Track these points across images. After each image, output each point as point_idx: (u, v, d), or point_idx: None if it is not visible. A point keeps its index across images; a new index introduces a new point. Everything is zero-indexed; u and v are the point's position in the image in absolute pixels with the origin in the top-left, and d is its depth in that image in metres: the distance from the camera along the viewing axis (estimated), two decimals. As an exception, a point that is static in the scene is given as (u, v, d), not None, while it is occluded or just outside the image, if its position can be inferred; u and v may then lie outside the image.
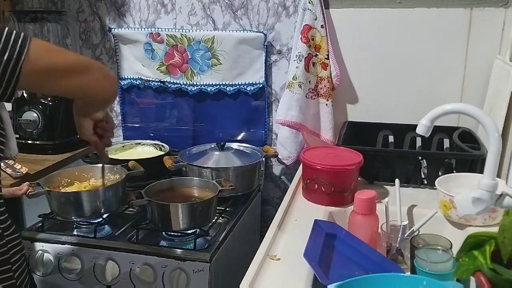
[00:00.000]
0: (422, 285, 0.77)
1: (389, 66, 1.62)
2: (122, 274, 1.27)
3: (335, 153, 1.34)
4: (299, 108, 1.61)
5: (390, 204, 1.11)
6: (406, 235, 1.07)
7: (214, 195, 1.32)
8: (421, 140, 1.54)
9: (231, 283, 1.23)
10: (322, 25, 1.59)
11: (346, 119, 1.70)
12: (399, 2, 1.57)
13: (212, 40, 1.74)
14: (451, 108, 0.92)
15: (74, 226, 1.40)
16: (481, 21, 1.51)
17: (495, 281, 0.72)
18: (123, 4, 1.85)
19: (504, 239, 0.73)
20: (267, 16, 1.71)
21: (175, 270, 1.23)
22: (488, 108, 1.46)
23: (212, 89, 1.80)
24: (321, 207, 1.25)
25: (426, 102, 1.19)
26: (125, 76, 1.91)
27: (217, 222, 1.40)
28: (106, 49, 1.93)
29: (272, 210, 1.86)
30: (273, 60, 1.75)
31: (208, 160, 1.59)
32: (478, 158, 1.29)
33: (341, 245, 1.02)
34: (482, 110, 0.90)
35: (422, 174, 1.39)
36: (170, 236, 1.32)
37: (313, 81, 1.64)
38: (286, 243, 1.07)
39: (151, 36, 1.80)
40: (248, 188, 1.59)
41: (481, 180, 0.87)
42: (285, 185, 1.85)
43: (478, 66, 1.54)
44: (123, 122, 1.97)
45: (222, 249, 1.29)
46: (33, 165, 1.62)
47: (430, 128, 0.94)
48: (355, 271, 0.93)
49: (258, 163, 1.61)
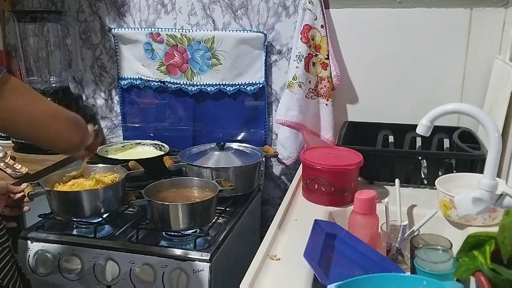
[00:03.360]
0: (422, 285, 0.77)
1: (389, 66, 1.62)
2: (122, 274, 1.27)
3: (335, 153, 1.34)
4: (299, 108, 1.61)
5: (390, 204, 1.11)
6: (406, 235, 1.07)
7: (214, 195, 1.32)
8: (421, 140, 1.54)
9: (231, 283, 1.23)
10: (322, 25, 1.59)
11: (346, 119, 1.70)
12: (399, 2, 1.57)
13: (212, 40, 1.74)
14: (451, 108, 0.92)
15: (74, 226, 1.40)
16: (481, 21, 1.51)
17: (495, 281, 0.72)
18: (123, 4, 1.85)
19: (504, 239, 0.73)
20: (267, 16, 1.71)
21: (175, 270, 1.23)
22: (488, 108, 1.46)
23: (212, 89, 1.80)
24: (321, 207, 1.25)
25: (426, 102, 1.19)
26: (125, 76, 1.91)
27: (217, 222, 1.40)
28: (106, 49, 1.93)
29: (272, 210, 1.86)
30: (273, 60, 1.75)
31: (208, 160, 1.59)
32: (478, 158, 1.29)
33: (341, 245, 1.02)
34: (482, 110, 0.90)
35: (422, 174, 1.39)
36: (170, 236, 1.32)
37: (313, 81, 1.64)
38: (286, 243, 1.07)
39: (151, 36, 1.80)
40: (248, 188, 1.59)
41: (481, 180, 0.87)
42: (285, 185, 1.85)
43: (478, 66, 1.54)
44: (123, 122, 1.97)
45: (222, 249, 1.29)
46: (33, 165, 1.62)
47: (430, 128, 0.94)
48: (355, 271, 0.93)
49: (258, 163, 1.61)
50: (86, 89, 2.00)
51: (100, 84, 1.98)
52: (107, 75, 1.96)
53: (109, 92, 1.98)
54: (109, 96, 1.99)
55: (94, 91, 2.00)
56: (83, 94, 2.00)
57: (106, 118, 2.02)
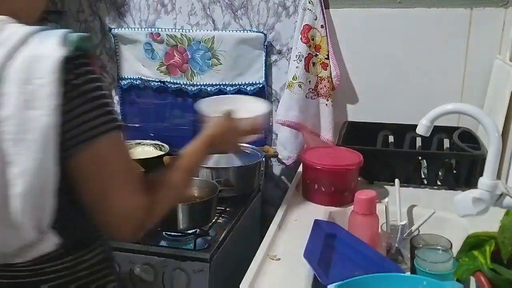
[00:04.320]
0: (422, 285, 0.78)
1: (389, 66, 1.62)
2: (122, 274, 1.27)
3: (335, 153, 1.34)
4: (299, 108, 1.61)
5: (390, 204, 1.11)
6: (405, 235, 1.07)
7: (214, 195, 1.32)
8: (421, 140, 1.54)
9: (231, 283, 1.23)
10: (322, 25, 1.59)
11: (346, 119, 1.70)
12: (399, 2, 1.57)
13: (212, 40, 1.73)
14: (451, 108, 0.92)
15: (74, 226, 1.40)
16: (481, 21, 1.51)
17: (495, 281, 0.72)
18: (123, 4, 1.84)
19: (504, 239, 0.73)
20: (267, 16, 1.71)
21: (175, 270, 1.23)
22: (488, 108, 1.46)
23: (212, 89, 1.80)
24: (321, 207, 1.25)
25: (426, 102, 1.19)
26: (125, 76, 1.90)
27: (217, 222, 1.40)
28: (106, 49, 1.93)
29: (272, 210, 1.85)
30: (273, 60, 1.75)
31: (208, 160, 1.58)
32: (478, 158, 1.29)
33: (341, 245, 1.02)
34: (482, 110, 0.90)
35: (422, 174, 1.39)
36: (170, 236, 1.32)
37: (313, 81, 1.63)
38: (286, 243, 1.07)
39: (151, 36, 1.80)
40: (248, 188, 1.59)
41: (481, 180, 0.87)
42: (285, 185, 1.85)
43: (478, 66, 1.54)
44: (123, 122, 1.97)
45: (222, 249, 1.29)
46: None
47: (430, 128, 0.94)
48: (355, 271, 0.93)
49: (258, 163, 1.61)
50: (86, 89, 2.00)
51: (100, 84, 1.98)
52: (107, 75, 1.96)
53: (109, 92, 1.98)
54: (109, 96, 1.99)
55: (94, 91, 1.99)
56: (83, 94, 2.00)
57: (106, 118, 2.01)
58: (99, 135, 0.71)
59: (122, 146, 0.78)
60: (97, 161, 0.72)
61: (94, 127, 0.70)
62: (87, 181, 0.73)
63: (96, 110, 0.71)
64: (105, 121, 0.71)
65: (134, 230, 0.78)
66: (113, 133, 0.73)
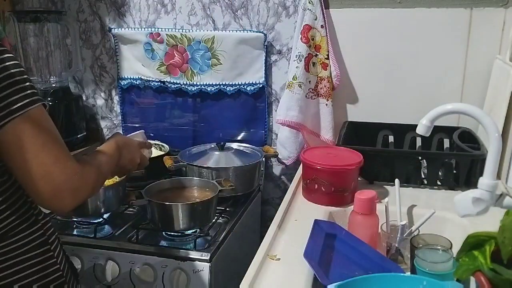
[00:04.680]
0: (422, 285, 0.77)
1: (389, 66, 1.62)
2: (122, 274, 1.27)
3: (335, 153, 1.34)
4: (299, 108, 1.61)
5: (390, 204, 1.11)
6: (405, 235, 1.07)
7: (214, 195, 1.32)
8: (421, 140, 1.54)
9: (231, 283, 1.23)
10: (322, 25, 1.59)
11: (346, 119, 1.70)
12: (399, 2, 1.57)
13: (212, 40, 1.74)
14: (451, 108, 0.92)
15: (74, 226, 1.40)
16: (481, 21, 1.51)
17: (495, 281, 0.72)
18: (123, 4, 1.85)
19: (504, 239, 0.73)
20: (267, 16, 1.71)
21: (175, 270, 1.23)
22: (488, 108, 1.46)
23: (212, 89, 1.80)
24: (321, 207, 1.25)
25: (426, 102, 1.19)
26: (125, 76, 1.91)
27: (217, 222, 1.40)
28: (106, 49, 1.93)
29: (272, 210, 1.86)
30: (273, 60, 1.75)
31: (208, 160, 1.59)
32: (478, 158, 1.29)
33: (341, 245, 1.02)
34: (482, 110, 0.90)
35: (422, 174, 1.39)
36: (170, 236, 1.32)
37: (313, 81, 1.64)
38: (286, 243, 1.07)
39: (151, 36, 1.80)
40: (248, 188, 1.59)
41: (481, 180, 0.87)
42: (285, 185, 1.85)
43: (478, 66, 1.54)
44: (123, 122, 1.97)
45: (222, 249, 1.29)
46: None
47: (430, 128, 0.94)
48: (355, 271, 0.93)
49: (258, 163, 1.61)
50: (86, 89, 2.00)
51: (100, 84, 1.98)
52: (107, 75, 1.96)
53: (109, 92, 1.98)
54: (109, 96, 1.99)
55: (94, 91, 2.00)
56: (83, 94, 2.00)
57: (106, 118, 2.02)
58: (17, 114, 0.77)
59: (45, 120, 0.83)
60: (25, 136, 0.78)
61: (10, 105, 0.76)
62: (21, 151, 0.78)
63: (10, 88, 0.76)
64: (20, 97, 0.77)
65: (72, 198, 0.82)
66: (32, 110, 0.78)
